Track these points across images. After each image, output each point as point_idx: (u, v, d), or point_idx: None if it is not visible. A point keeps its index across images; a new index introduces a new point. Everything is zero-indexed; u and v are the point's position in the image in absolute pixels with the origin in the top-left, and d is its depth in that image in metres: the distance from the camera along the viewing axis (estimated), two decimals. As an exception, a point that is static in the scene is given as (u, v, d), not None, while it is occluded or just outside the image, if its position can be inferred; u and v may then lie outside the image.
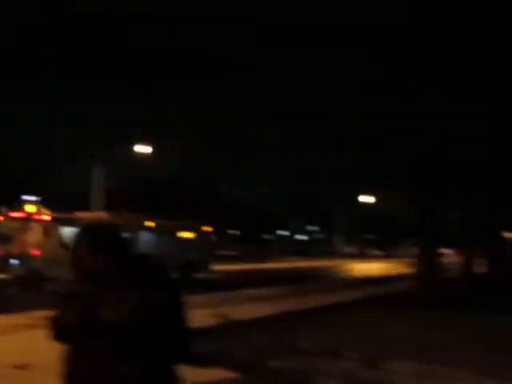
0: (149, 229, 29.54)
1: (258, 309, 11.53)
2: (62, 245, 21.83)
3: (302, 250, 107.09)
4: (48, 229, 24.88)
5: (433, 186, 21.96)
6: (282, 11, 20.89)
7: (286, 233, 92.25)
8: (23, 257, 23.85)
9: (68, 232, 23.17)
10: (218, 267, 43.47)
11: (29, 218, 25.14)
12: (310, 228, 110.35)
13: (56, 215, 25.51)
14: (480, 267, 29.23)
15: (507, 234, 40.15)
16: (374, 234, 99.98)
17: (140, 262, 2.83)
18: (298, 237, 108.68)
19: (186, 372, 6.42)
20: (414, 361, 9.57)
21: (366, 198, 60.28)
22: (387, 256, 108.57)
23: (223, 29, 23.39)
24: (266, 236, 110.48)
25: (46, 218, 25.45)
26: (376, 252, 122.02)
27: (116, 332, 2.59)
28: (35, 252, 24.05)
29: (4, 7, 26.87)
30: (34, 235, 24.69)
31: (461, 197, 28.91)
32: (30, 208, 25.82)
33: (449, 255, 65.52)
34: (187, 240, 32.29)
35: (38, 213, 25.66)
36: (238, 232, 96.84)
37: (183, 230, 32.53)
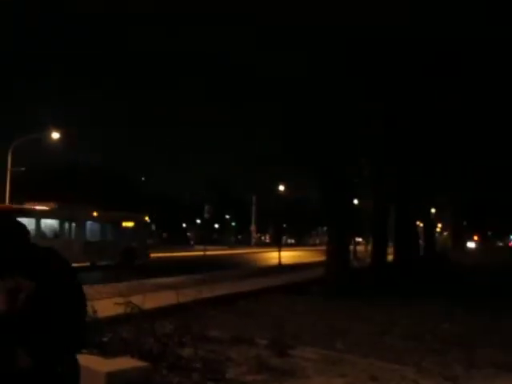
0: (94, 218, 32.40)
1: (170, 297, 11.47)
2: None
3: (217, 238, 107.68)
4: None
5: (344, 175, 22.37)
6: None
7: (201, 221, 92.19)
8: None
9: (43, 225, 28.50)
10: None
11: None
12: (226, 217, 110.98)
13: (30, 206, 28.80)
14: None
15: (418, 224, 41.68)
16: (287, 223, 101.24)
17: (36, 251, 2.77)
18: (215, 225, 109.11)
19: (94, 361, 6.38)
20: (321, 347, 9.79)
21: (281, 187, 61.35)
22: (300, 244, 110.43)
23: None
24: (183, 224, 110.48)
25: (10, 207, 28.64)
26: (290, 240, 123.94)
27: (11, 322, 2.53)
28: None
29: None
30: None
31: (372, 187, 29.76)
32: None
33: (363, 244, 67.61)
34: (128, 229, 35.10)
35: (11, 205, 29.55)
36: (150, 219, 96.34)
37: (125, 219, 35.58)
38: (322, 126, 22.20)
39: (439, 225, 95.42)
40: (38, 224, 27.74)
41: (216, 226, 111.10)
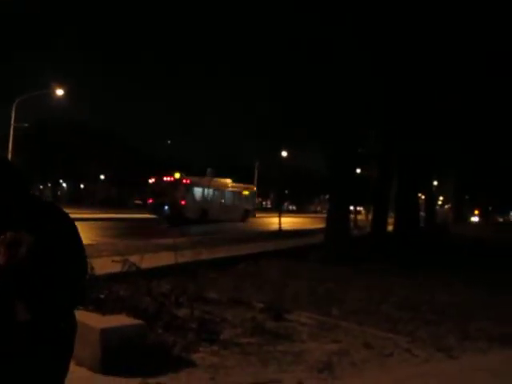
0: (229, 188, 48.37)
1: (168, 257, 11.49)
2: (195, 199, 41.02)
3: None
4: (188, 188, 41.42)
5: (348, 144, 22.27)
6: None
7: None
8: (174, 206, 39.01)
9: (199, 191, 42.97)
10: (134, 215, 43.37)
11: (176, 180, 41.19)
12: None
13: (191, 179, 42.52)
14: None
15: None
16: (289, 189, 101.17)
17: (37, 203, 2.73)
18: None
19: (89, 317, 6.40)
20: (317, 313, 9.83)
21: (284, 153, 61.20)
22: (301, 211, 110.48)
23: None
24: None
25: (186, 181, 41.73)
26: (291, 207, 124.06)
27: (10, 275, 2.50)
28: (182, 202, 39.81)
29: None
30: (180, 192, 40.32)
31: (373, 156, 29.70)
32: (177, 174, 41.58)
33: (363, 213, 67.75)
34: (245, 196, 50.78)
35: (181, 177, 41.50)
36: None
37: (244, 189, 51.52)
38: (330, 95, 22.10)
39: (441, 198, 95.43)
40: (192, 190, 42.24)
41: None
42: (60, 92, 39.55)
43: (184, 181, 41.35)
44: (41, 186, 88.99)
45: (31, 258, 2.51)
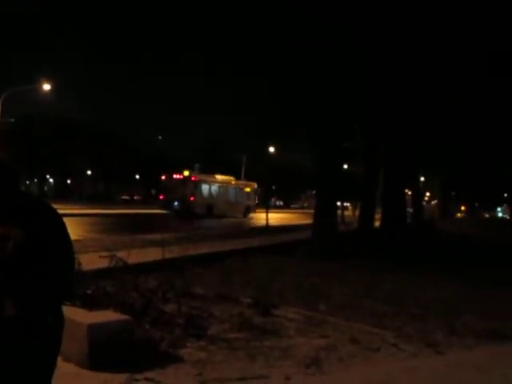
0: (232, 185, 50.73)
1: (155, 253, 11.47)
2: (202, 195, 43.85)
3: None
4: (196, 185, 44.51)
5: (335, 139, 22.31)
6: None
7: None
8: (183, 201, 42.51)
9: (206, 188, 45.98)
10: (121, 211, 43.29)
11: (185, 178, 44.48)
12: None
13: (199, 177, 45.74)
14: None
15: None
16: (276, 185, 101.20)
17: (26, 199, 2.72)
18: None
19: (76, 313, 6.37)
20: (305, 308, 9.85)
21: (271, 148, 61.35)
22: (288, 206, 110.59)
23: None
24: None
25: (195, 178, 44.97)
26: (279, 202, 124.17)
27: None
28: (191, 198, 43.12)
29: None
30: (189, 188, 43.53)
31: (360, 151, 29.77)
32: (186, 172, 45.08)
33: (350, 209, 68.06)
34: (247, 192, 53.00)
35: (190, 175, 44.86)
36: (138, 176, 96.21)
37: (246, 186, 53.70)
38: (316, 91, 22.11)
39: (427, 194, 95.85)
40: (200, 187, 45.25)
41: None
42: (47, 87, 39.34)
43: (193, 178, 44.96)
44: (27, 182, 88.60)
45: (19, 253, 2.50)
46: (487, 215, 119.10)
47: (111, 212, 41.88)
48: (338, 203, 33.13)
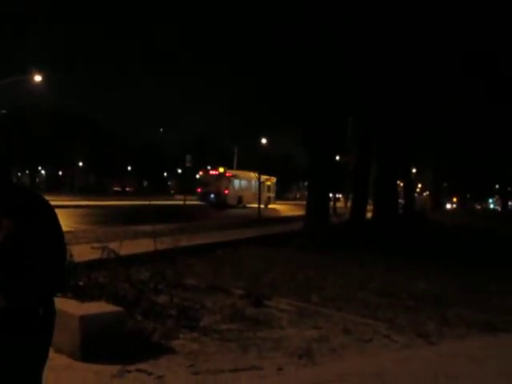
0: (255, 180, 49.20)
1: (148, 244, 11.44)
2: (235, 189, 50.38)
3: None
4: (229, 180, 51.45)
5: (328, 131, 22.29)
6: None
7: (182, 171, 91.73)
8: (218, 194, 49.57)
9: (237, 182, 52.77)
10: (113, 202, 43.20)
11: (220, 173, 51.25)
12: (208, 167, 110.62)
13: (231, 172, 53.02)
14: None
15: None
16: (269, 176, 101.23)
17: (17, 191, 2.69)
18: (196, 175, 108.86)
19: (68, 305, 6.35)
20: (297, 299, 9.85)
21: (264, 140, 61.48)
22: (280, 198, 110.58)
23: None
24: (164, 173, 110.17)
25: (229, 174, 51.95)
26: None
27: None
28: (226, 191, 50.10)
29: None
30: (224, 183, 50.40)
31: (352, 143, 29.80)
32: (221, 169, 51.77)
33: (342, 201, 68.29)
34: (268, 185, 57.08)
35: (225, 171, 51.56)
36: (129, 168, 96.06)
37: (267, 180, 56.49)
38: (308, 81, 22.07)
39: (419, 185, 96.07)
40: (232, 182, 51.95)
41: (197, 176, 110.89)
42: (38, 78, 39.11)
43: (227, 174, 51.89)
44: (19, 173, 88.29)
45: (10, 244, 2.48)
46: (479, 206, 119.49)
47: (103, 203, 41.73)
48: (330, 195, 33.20)
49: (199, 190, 52.59)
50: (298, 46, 22.41)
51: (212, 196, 49.93)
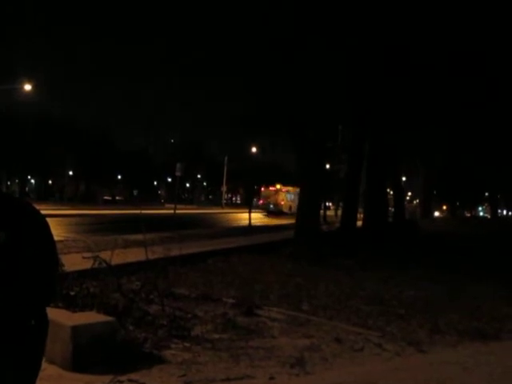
0: (292, 192, 62.55)
1: (139, 253, 11.42)
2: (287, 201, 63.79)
3: (188, 198, 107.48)
4: (284, 193, 64.22)
5: (318, 139, 22.34)
6: None
7: (172, 180, 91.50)
8: (276, 204, 62.67)
9: (289, 195, 64.52)
10: (103, 211, 43.08)
11: (277, 189, 64.73)
12: (198, 176, 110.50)
13: (285, 188, 64.92)
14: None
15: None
16: (258, 184, 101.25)
17: (8, 201, 2.68)
18: (186, 184, 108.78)
19: (60, 315, 6.32)
20: (288, 308, 9.86)
21: (254, 149, 62.50)
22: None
23: None
24: (154, 182, 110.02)
25: (283, 189, 64.60)
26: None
27: None
28: (282, 202, 63.49)
29: None
30: (280, 196, 63.90)
31: (343, 151, 29.87)
32: (278, 185, 64.90)
33: (332, 209, 69.01)
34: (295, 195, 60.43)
35: (281, 187, 64.68)
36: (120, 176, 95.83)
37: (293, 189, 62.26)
38: (298, 89, 22.10)
39: (409, 193, 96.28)
40: (286, 195, 64.90)
41: (187, 185, 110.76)
42: (28, 87, 39.03)
43: (282, 189, 65.07)
44: (8, 183, 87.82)
45: (1, 254, 2.47)
46: (468, 214, 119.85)
47: (94, 213, 41.58)
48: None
49: (261, 201, 68.05)
50: (287, 53, 22.43)
51: (271, 206, 63.19)
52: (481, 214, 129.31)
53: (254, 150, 65.80)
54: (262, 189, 69.69)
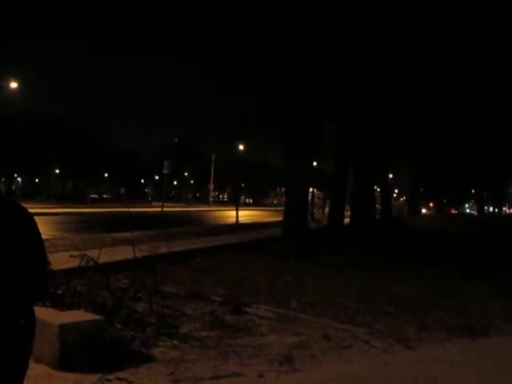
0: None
1: (126, 251, 11.38)
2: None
3: (175, 195, 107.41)
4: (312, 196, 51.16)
5: (305, 136, 22.33)
6: None
7: (159, 177, 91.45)
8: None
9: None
10: (91, 209, 42.93)
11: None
12: (185, 174, 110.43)
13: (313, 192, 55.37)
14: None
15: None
16: (246, 183, 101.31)
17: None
18: (174, 182, 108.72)
19: (47, 313, 6.29)
20: (276, 306, 9.85)
21: (241, 146, 61.73)
22: (258, 204, 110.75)
23: None
24: (141, 180, 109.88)
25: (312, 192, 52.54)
26: (248, 200, 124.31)
27: None
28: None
29: None
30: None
31: (330, 149, 29.90)
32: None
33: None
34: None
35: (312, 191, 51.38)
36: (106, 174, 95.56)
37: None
38: (284, 86, 22.10)
39: (396, 190, 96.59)
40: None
41: (175, 182, 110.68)
42: (14, 85, 38.83)
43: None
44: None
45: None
46: (455, 211, 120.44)
47: (81, 211, 41.42)
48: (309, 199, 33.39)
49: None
50: (273, 51, 22.44)
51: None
52: (467, 210, 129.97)
53: (241, 147, 65.02)
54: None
